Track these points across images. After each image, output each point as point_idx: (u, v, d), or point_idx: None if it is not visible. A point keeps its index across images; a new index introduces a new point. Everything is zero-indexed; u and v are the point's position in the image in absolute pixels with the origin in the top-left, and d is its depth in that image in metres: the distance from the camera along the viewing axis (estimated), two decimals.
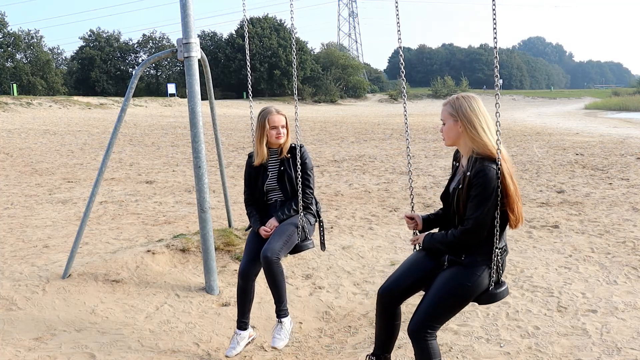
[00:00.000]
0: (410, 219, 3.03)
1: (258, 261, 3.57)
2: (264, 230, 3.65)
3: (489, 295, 2.72)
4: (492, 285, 2.71)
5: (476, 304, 2.82)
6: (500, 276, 2.75)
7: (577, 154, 13.77)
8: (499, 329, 3.94)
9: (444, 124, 2.80)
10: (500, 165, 2.62)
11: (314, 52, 67.81)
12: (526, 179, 10.26)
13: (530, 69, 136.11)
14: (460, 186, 2.70)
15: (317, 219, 3.83)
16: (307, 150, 3.78)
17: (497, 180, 2.60)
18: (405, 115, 3.24)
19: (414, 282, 2.88)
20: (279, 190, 3.75)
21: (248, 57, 4.25)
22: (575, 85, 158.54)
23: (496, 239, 2.65)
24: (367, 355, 3.11)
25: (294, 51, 3.85)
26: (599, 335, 3.79)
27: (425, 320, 2.70)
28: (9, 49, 50.14)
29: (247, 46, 4.36)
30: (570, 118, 34.84)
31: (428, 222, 3.00)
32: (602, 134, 20.42)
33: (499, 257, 2.69)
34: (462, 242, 2.69)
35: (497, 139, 2.65)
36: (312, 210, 3.78)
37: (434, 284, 2.76)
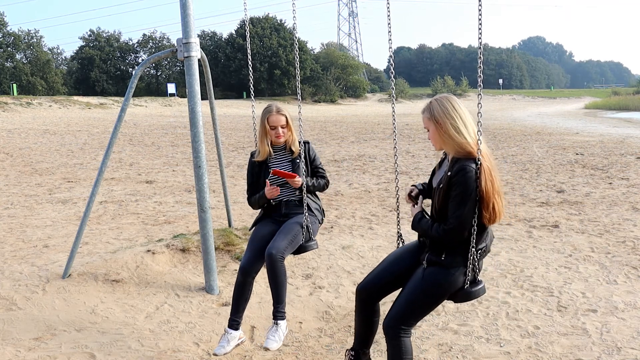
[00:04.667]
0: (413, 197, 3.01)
1: (260, 258, 3.55)
2: (271, 188, 3.61)
3: (464, 294, 2.74)
4: (467, 284, 2.72)
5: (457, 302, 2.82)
6: (477, 275, 2.76)
7: (577, 154, 13.77)
8: (499, 329, 3.94)
9: (428, 130, 2.80)
10: (480, 164, 2.62)
11: (313, 52, 67.76)
12: (526, 179, 10.26)
13: (530, 68, 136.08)
14: (441, 185, 2.71)
15: (323, 217, 3.87)
16: (313, 147, 3.84)
17: (477, 180, 2.60)
18: (394, 115, 3.24)
19: (392, 279, 2.90)
20: (283, 190, 3.74)
21: (250, 57, 4.25)
22: (575, 85, 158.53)
23: (473, 239, 2.66)
24: (347, 350, 3.13)
25: (296, 50, 3.85)
26: (599, 334, 3.79)
27: (400, 317, 2.72)
28: (9, 49, 50.06)
29: (248, 46, 4.36)
30: (570, 118, 34.83)
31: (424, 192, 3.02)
32: (602, 133, 20.42)
33: (475, 257, 2.70)
34: (444, 240, 2.70)
35: (478, 139, 2.65)
36: (319, 206, 3.80)
37: (409, 281, 2.78)
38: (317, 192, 3.82)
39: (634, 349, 3.58)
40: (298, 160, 3.71)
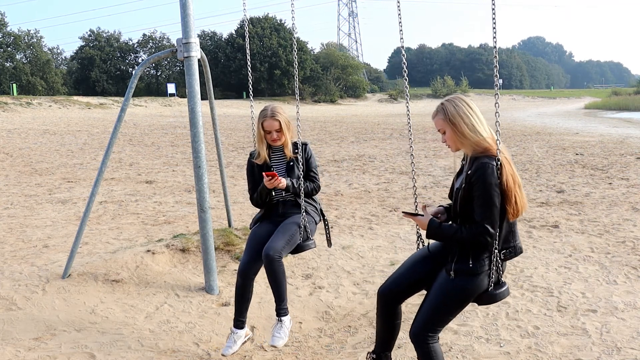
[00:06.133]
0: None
1: (258, 260, 3.56)
2: (267, 175, 3.51)
3: (489, 296, 2.71)
4: (491, 285, 2.69)
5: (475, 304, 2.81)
6: (501, 277, 2.74)
7: (577, 154, 13.77)
8: (499, 329, 3.94)
9: (444, 133, 2.77)
10: (500, 160, 2.60)
11: (313, 52, 67.74)
12: (526, 179, 10.26)
13: (530, 68, 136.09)
14: (463, 185, 2.67)
15: (322, 218, 3.84)
16: (311, 149, 3.78)
17: (497, 177, 2.57)
18: (408, 114, 3.24)
19: (414, 282, 2.87)
20: (280, 190, 3.73)
21: (249, 57, 4.25)
22: (575, 85, 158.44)
23: (496, 240, 2.63)
24: (368, 353, 3.12)
25: (294, 51, 3.85)
26: (599, 335, 3.79)
27: (426, 324, 2.70)
28: (9, 49, 50.02)
29: (247, 46, 4.36)
30: (570, 118, 34.83)
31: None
32: (602, 133, 20.43)
33: (499, 258, 2.67)
34: (474, 243, 2.63)
35: (497, 139, 2.64)
36: (316, 208, 3.78)
37: (433, 287, 2.75)
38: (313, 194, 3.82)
39: (634, 349, 3.58)
40: (292, 164, 3.70)
